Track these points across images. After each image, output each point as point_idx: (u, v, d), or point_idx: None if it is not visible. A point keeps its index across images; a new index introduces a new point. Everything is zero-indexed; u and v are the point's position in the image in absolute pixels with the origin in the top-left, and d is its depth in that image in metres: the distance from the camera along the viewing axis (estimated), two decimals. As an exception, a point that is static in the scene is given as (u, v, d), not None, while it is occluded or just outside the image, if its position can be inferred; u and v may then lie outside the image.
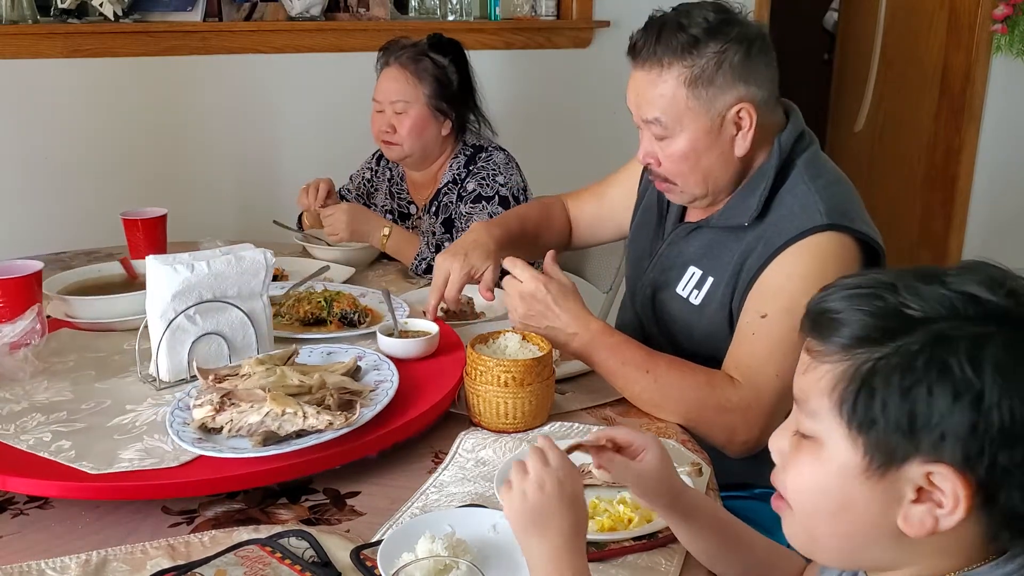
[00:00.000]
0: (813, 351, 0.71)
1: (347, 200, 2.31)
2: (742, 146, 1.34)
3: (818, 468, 0.70)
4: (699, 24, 1.29)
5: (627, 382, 1.31)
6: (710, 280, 1.40)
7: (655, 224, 1.56)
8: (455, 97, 2.11)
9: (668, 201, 1.54)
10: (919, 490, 0.66)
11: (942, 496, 0.65)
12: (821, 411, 0.69)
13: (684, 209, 1.51)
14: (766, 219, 1.35)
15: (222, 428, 1.11)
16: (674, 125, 1.33)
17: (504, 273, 1.40)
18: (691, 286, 1.42)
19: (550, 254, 1.38)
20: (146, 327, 1.31)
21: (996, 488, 0.64)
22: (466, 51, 2.17)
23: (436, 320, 1.48)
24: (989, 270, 0.68)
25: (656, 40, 1.31)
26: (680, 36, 1.29)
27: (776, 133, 1.37)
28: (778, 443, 0.75)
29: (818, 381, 0.69)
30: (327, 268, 1.81)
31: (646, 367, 1.29)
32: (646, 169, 1.43)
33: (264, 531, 1.00)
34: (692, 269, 1.43)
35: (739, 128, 1.33)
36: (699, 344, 1.41)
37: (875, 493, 0.67)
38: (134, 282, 1.70)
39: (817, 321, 0.71)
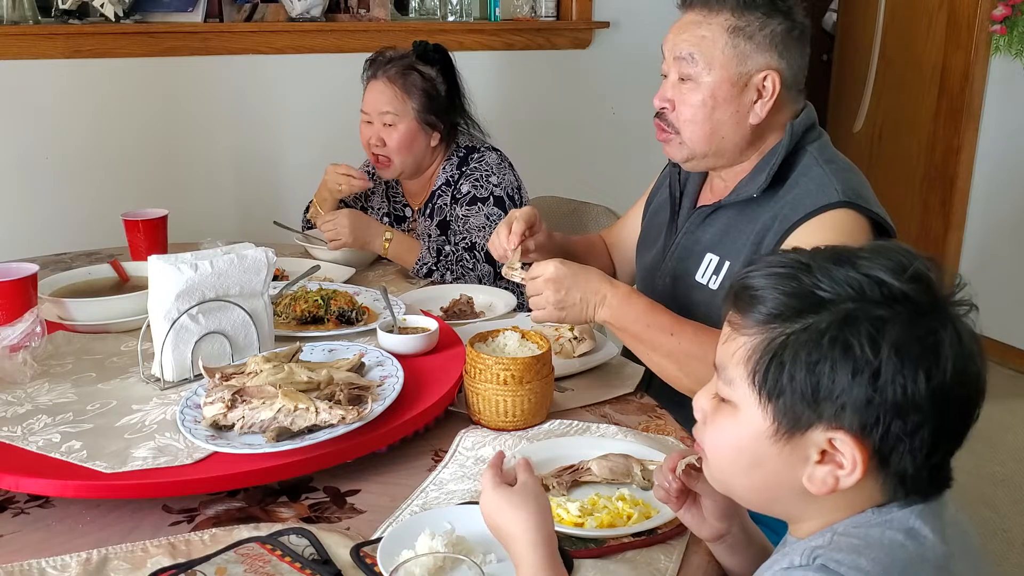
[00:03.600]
0: (734, 323, 0.78)
1: (345, 203, 2.32)
2: (757, 114, 1.38)
3: (733, 430, 0.78)
4: None
5: (652, 345, 1.31)
6: (727, 264, 1.42)
7: (668, 219, 1.58)
8: (443, 107, 2.11)
9: (681, 193, 1.57)
10: (822, 453, 0.73)
11: (842, 458, 0.72)
12: (737, 379, 0.77)
13: (697, 196, 1.54)
14: (781, 198, 1.37)
15: (234, 425, 1.12)
16: (703, 66, 1.37)
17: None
18: (709, 272, 1.44)
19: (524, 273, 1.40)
20: (148, 327, 1.31)
21: (889, 452, 0.72)
22: (460, 53, 2.17)
23: (436, 318, 1.49)
24: (897, 254, 0.74)
25: None
26: None
27: (791, 120, 1.41)
28: (701, 402, 0.83)
29: (735, 351, 0.77)
30: (318, 268, 1.81)
31: (671, 330, 1.29)
32: (657, 115, 1.44)
33: (264, 529, 1.00)
34: (710, 256, 1.45)
35: (760, 96, 1.37)
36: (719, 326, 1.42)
37: (783, 454, 0.75)
38: (125, 284, 1.71)
39: (739, 296, 0.78)
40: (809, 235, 1.31)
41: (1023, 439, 3.09)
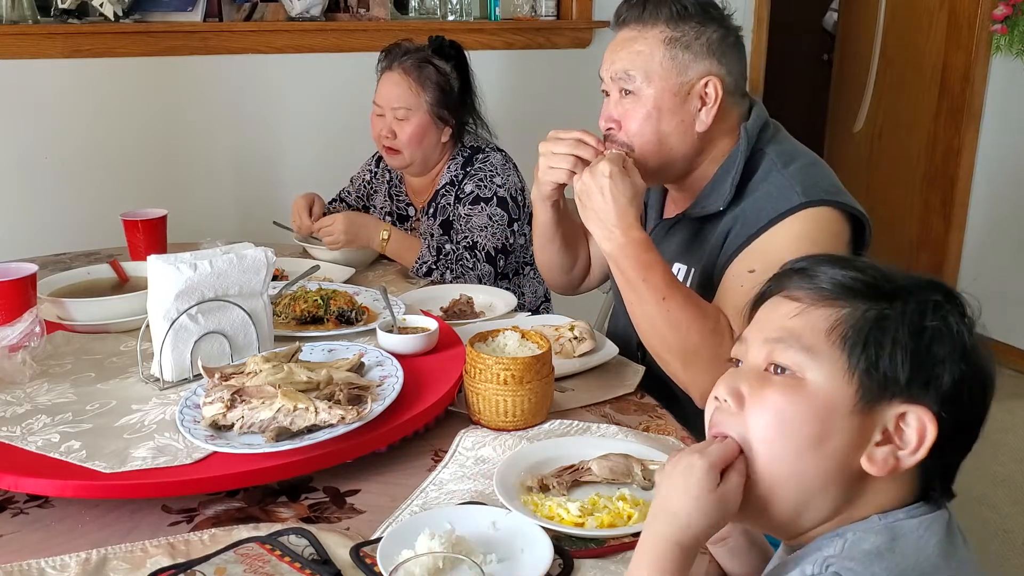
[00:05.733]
0: (802, 298, 0.78)
1: (346, 202, 2.32)
2: (703, 122, 1.38)
3: (799, 402, 0.75)
4: (690, 1, 1.38)
5: (639, 301, 1.29)
6: (694, 271, 1.42)
7: None
8: (456, 103, 2.11)
9: (645, 203, 1.57)
10: (884, 432, 0.74)
11: (906, 438, 0.73)
12: (819, 348, 0.75)
13: (661, 208, 1.55)
14: (742, 204, 1.36)
15: (233, 425, 1.11)
16: (643, 81, 1.37)
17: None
18: None
19: (630, 160, 1.34)
20: (147, 327, 1.31)
21: (951, 437, 0.73)
22: (467, 53, 2.17)
23: (436, 318, 1.49)
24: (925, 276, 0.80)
25: (643, 7, 1.39)
26: (672, 5, 1.37)
27: (741, 122, 1.41)
28: (734, 384, 0.78)
29: (816, 321, 0.76)
30: (317, 268, 1.81)
31: (663, 293, 1.27)
32: (605, 138, 1.43)
33: (264, 529, 1.00)
34: (677, 266, 1.45)
35: (704, 104, 1.37)
36: None
37: (851, 429, 0.74)
38: (125, 284, 1.71)
39: (804, 270, 0.80)
40: (779, 235, 1.30)
41: (1023, 439, 3.09)
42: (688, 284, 1.41)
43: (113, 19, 2.65)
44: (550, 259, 1.69)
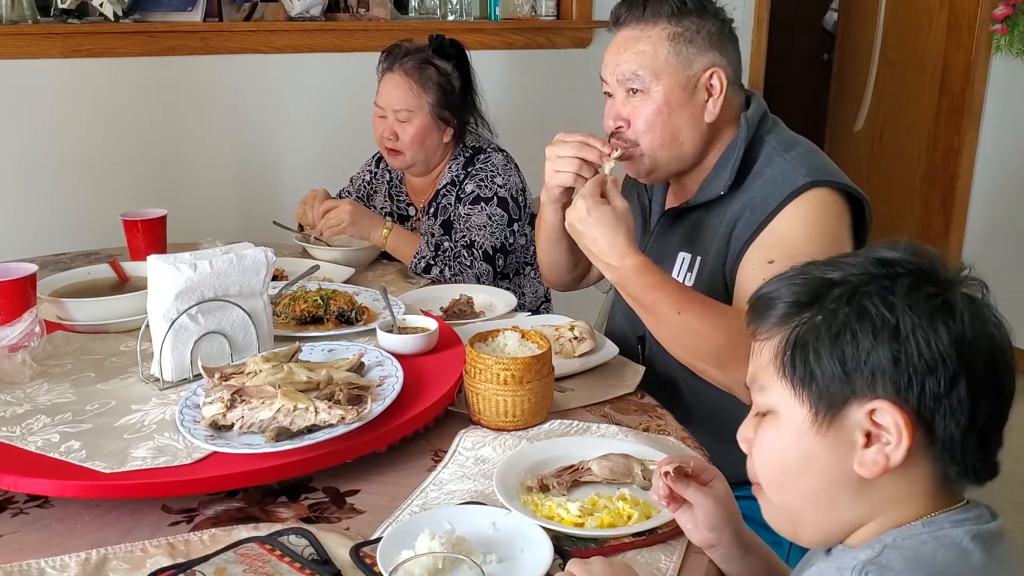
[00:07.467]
0: (758, 336, 0.80)
1: (347, 200, 2.32)
2: (712, 112, 1.40)
3: (777, 436, 0.78)
4: None
5: (656, 320, 1.31)
6: (699, 259, 1.43)
7: (641, 225, 1.58)
8: (457, 103, 2.11)
9: (649, 199, 1.58)
10: (867, 435, 0.73)
11: (887, 434, 0.72)
12: (769, 383, 0.78)
13: (664, 200, 1.55)
14: (748, 190, 1.38)
15: (233, 425, 1.11)
16: (651, 79, 1.39)
17: None
18: (684, 270, 1.45)
19: (611, 180, 1.36)
20: (147, 327, 1.31)
21: (931, 416, 0.72)
22: (467, 52, 2.17)
23: (436, 318, 1.49)
24: (896, 242, 0.78)
25: (644, 6, 1.40)
26: (672, 2, 1.39)
27: (741, 112, 1.43)
28: (744, 433, 0.83)
29: (762, 356, 0.79)
30: (317, 268, 1.81)
31: (678, 307, 1.29)
32: (611, 135, 1.44)
33: (264, 529, 1.00)
34: (682, 255, 1.46)
35: (710, 95, 1.39)
36: None
37: (828, 444, 0.75)
38: (125, 284, 1.71)
39: (756, 306, 0.80)
40: (789, 219, 1.32)
41: (1023, 439, 3.09)
42: (695, 272, 1.42)
43: (113, 19, 2.64)
44: (555, 259, 1.69)
